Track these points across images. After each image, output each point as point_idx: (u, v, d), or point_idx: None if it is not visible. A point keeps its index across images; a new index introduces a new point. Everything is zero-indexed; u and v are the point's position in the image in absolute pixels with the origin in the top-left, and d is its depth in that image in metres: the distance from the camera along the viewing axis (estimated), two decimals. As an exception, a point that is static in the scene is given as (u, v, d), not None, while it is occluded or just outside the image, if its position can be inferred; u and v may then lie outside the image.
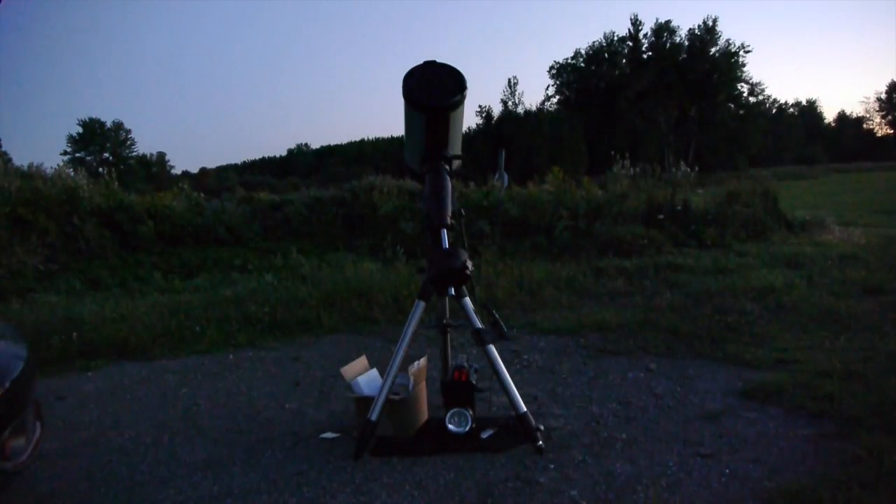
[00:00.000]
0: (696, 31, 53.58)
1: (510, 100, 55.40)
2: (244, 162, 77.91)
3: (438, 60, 2.01)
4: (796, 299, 5.44)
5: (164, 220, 10.61)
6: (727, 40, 53.16)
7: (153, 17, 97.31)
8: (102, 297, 6.69)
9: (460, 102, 2.18)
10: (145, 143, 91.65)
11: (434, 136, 2.20)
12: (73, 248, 9.24)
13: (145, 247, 9.98)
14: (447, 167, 2.18)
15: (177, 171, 60.16)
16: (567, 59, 58.52)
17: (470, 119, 58.03)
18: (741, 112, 54.32)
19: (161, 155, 62.44)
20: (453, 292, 2.24)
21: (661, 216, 9.35)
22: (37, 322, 5.32)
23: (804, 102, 79.02)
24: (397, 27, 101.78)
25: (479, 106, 55.16)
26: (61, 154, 54.74)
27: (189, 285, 7.52)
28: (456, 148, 2.27)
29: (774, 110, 67.31)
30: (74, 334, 5.01)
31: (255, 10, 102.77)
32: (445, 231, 2.13)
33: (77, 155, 55.02)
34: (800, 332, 4.63)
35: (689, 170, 11.26)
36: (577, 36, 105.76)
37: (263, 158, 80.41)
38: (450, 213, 2.13)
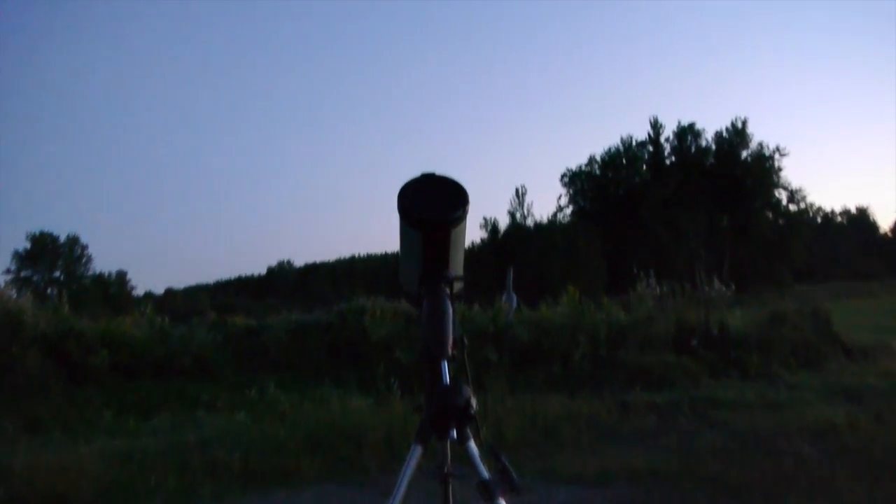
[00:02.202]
0: (724, 133, 56.08)
1: (518, 211, 56.79)
2: (217, 282, 78.59)
3: (437, 172, 2.06)
4: (863, 441, 5.31)
5: (120, 348, 10.53)
6: (759, 143, 55.30)
7: (116, 119, 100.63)
8: (40, 443, 6.53)
9: (462, 218, 2.17)
10: (103, 261, 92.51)
11: (433, 255, 2.20)
12: (9, 382, 9.12)
13: (96, 380, 9.86)
14: (448, 290, 2.18)
15: (139, 291, 60.46)
16: (581, 165, 60.67)
17: (473, 233, 58.93)
18: (781, 221, 55.43)
19: (121, 274, 62.90)
20: (455, 435, 2.18)
21: (695, 342, 9.33)
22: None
23: (853, 210, 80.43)
24: (393, 134, 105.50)
25: (484, 218, 56.57)
26: (3, 273, 55.30)
27: (146, 427, 7.37)
28: (457, 268, 2.25)
29: (820, 219, 68.55)
30: (1, 490, 4.86)
31: (232, 113, 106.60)
32: (446, 363, 2.09)
33: (23, 274, 55.61)
34: (870, 481, 4.48)
35: (724, 287, 11.35)
36: (591, 141, 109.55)
37: (240, 278, 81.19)
38: (451, 342, 2.11)
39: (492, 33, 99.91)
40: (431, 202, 2.11)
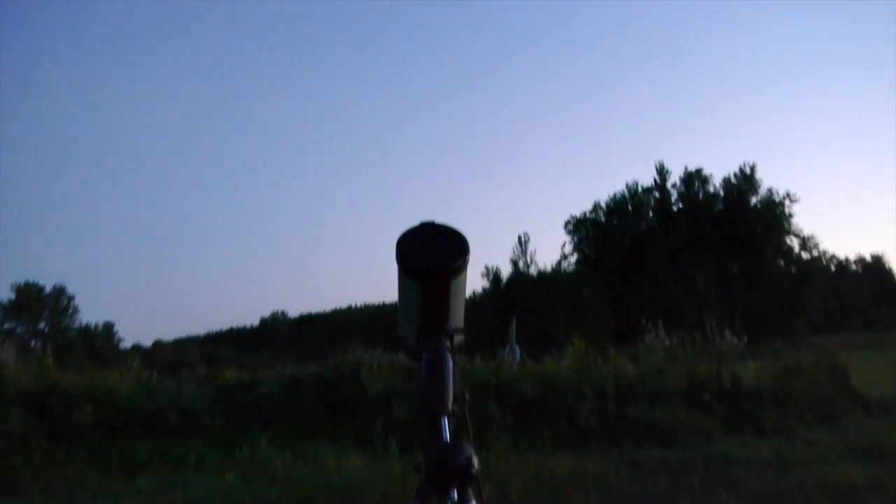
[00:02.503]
0: (733, 179, 56.38)
1: (521, 259, 56.66)
2: (208, 334, 78.37)
3: (437, 221, 2.04)
4: (887, 502, 5.23)
5: (105, 404, 10.42)
6: (769, 189, 55.62)
7: (104, 168, 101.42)
8: (18, 506, 6.45)
9: (462, 268, 2.14)
10: (90, 312, 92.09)
11: (432, 306, 2.19)
12: (-12, 440, 9.02)
13: (80, 439, 9.74)
14: (448, 342, 2.15)
15: (126, 344, 60.27)
16: (585, 212, 61.11)
17: (475, 282, 58.91)
18: (793, 270, 55.42)
19: (108, 325, 62.82)
20: (456, 496, 2.14)
21: (707, 396, 9.25)
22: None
23: (868, 258, 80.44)
24: (392, 182, 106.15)
25: (486, 267, 56.53)
26: (-15, 325, 55.05)
27: (131, 488, 7.27)
28: (458, 320, 2.21)
29: (833, 267, 68.57)
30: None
31: (224, 160, 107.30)
32: (446, 419, 2.06)
33: (6, 326, 55.39)
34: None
35: (735, 338, 11.30)
36: (596, 187, 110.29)
37: (231, 329, 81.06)
38: (451, 398, 2.08)
39: (493, 77, 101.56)
40: (431, 252, 2.09)
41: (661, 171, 58.65)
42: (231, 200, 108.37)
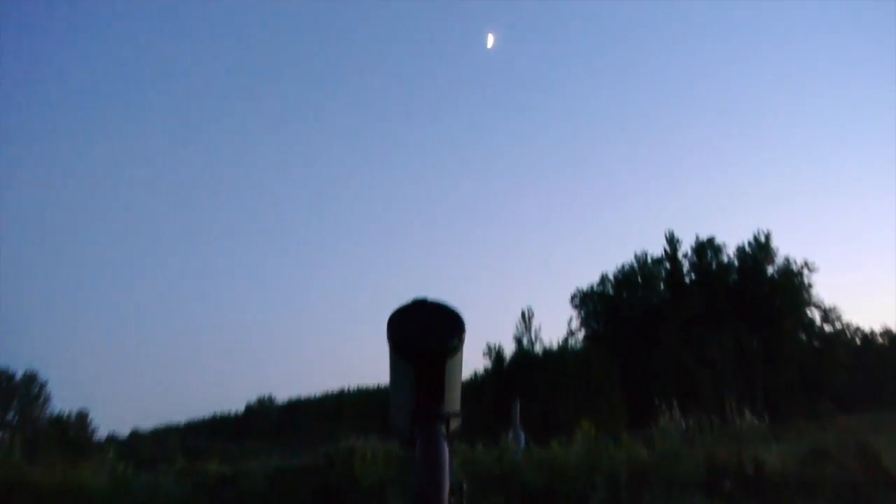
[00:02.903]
0: (747, 247, 56.82)
1: (525, 336, 56.50)
2: (189, 422, 77.17)
3: (430, 297, 2.01)
4: None
5: (77, 501, 10.30)
6: (786, 257, 55.91)
7: (76, 246, 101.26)
8: None
9: (458, 347, 2.11)
10: (63, 399, 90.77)
11: (426, 389, 2.17)
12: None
13: (48, 540, 9.58)
14: (444, 428, 2.10)
15: (101, 434, 59.20)
16: (592, 285, 61.22)
17: (476, 362, 58.46)
18: (816, 344, 55.28)
19: (82, 414, 61.74)
20: None
21: (728, 483, 9.12)
22: None
23: (896, 330, 79.97)
24: (385, 255, 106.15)
25: (487, 345, 56.15)
26: (-52, 417, 54.30)
27: None
28: (454, 403, 2.16)
29: (859, 341, 68.09)
30: None
31: (205, 236, 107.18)
32: (443, 513, 2.01)
33: (-28, 417, 54.60)
34: None
35: (756, 419, 11.21)
36: (603, 258, 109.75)
37: (215, 417, 79.66)
38: (448, 490, 2.04)
39: (492, 145, 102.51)
40: (424, 330, 2.04)
41: (672, 241, 59.22)
42: (213, 278, 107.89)
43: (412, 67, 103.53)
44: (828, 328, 56.80)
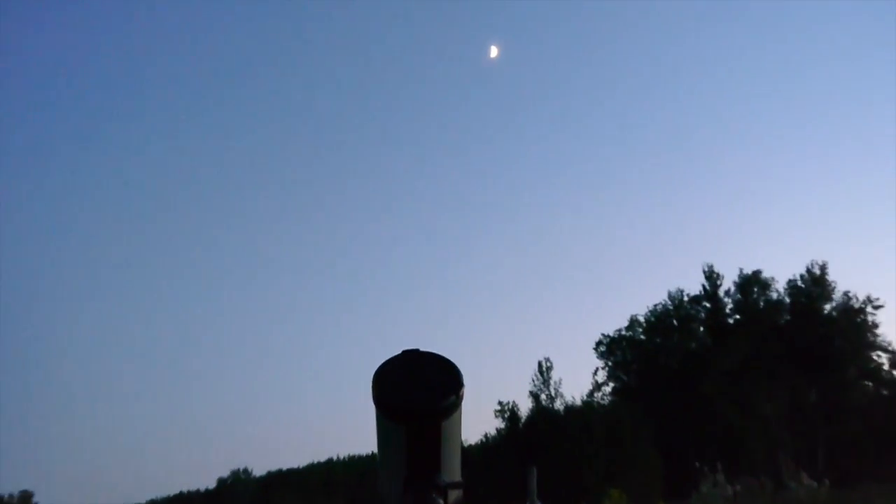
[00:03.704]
0: (799, 282, 56.32)
1: (543, 391, 55.82)
2: (151, 502, 76.77)
3: (422, 349, 2.03)
4: None
5: None
6: (845, 293, 55.24)
7: (22, 319, 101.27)
8: None
9: (456, 405, 2.05)
10: (5, 478, 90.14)
11: (419, 456, 2.13)
12: None
13: None
14: (441, 500, 2.08)
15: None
16: (620, 330, 60.53)
17: (485, 423, 57.83)
18: (885, 392, 54.09)
19: (26, 495, 61.63)
20: None
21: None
22: None
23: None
24: (379, 300, 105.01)
25: (500, 403, 55.78)
26: None
27: None
28: (453, 472, 2.04)
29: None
30: None
31: (172, 283, 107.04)
32: None
33: None
34: None
35: (815, 483, 11.12)
36: (631, 298, 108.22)
37: (181, 494, 79.17)
38: None
39: (494, 169, 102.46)
40: (415, 387, 1.98)
41: (711, 276, 58.55)
42: (180, 334, 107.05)
43: (413, 89, 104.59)
44: (897, 374, 56.09)
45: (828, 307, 55.54)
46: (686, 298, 59.28)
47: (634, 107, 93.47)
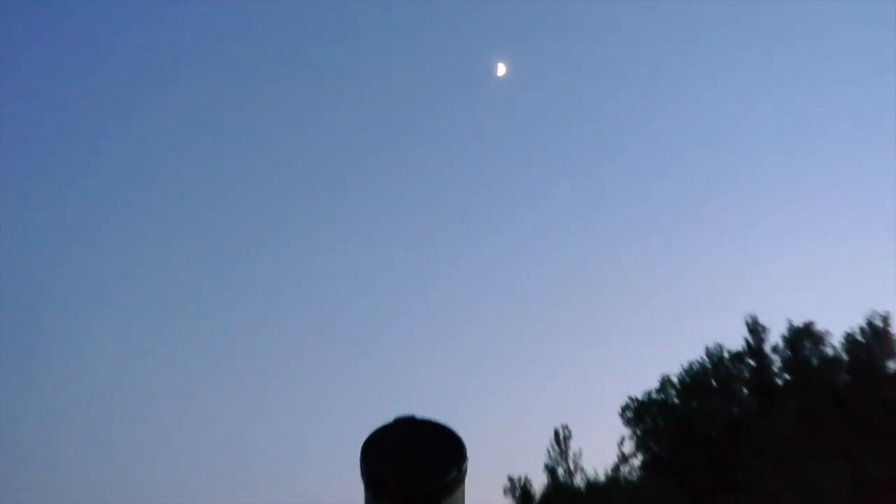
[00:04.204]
0: (859, 335, 56.02)
1: (560, 465, 57.03)
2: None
3: (419, 415, 1.96)
4: None
5: None
6: (912, 347, 54.60)
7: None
8: None
9: (458, 482, 1.90)
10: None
11: None
12: None
13: None
14: None
15: None
16: (650, 392, 60.22)
17: (494, 502, 58.35)
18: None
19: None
20: None
21: None
22: None
23: None
24: (367, 357, 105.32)
25: (510, 479, 56.61)
26: None
27: None
28: None
29: None
30: None
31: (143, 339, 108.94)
32: None
33: None
34: None
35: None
36: (662, 355, 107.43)
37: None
38: None
39: (499, 210, 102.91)
40: (411, 461, 1.90)
41: (755, 330, 58.24)
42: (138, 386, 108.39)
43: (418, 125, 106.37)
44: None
45: (892, 365, 55.24)
46: (726, 355, 58.78)
47: (654, 139, 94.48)
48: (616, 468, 57.83)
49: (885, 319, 55.22)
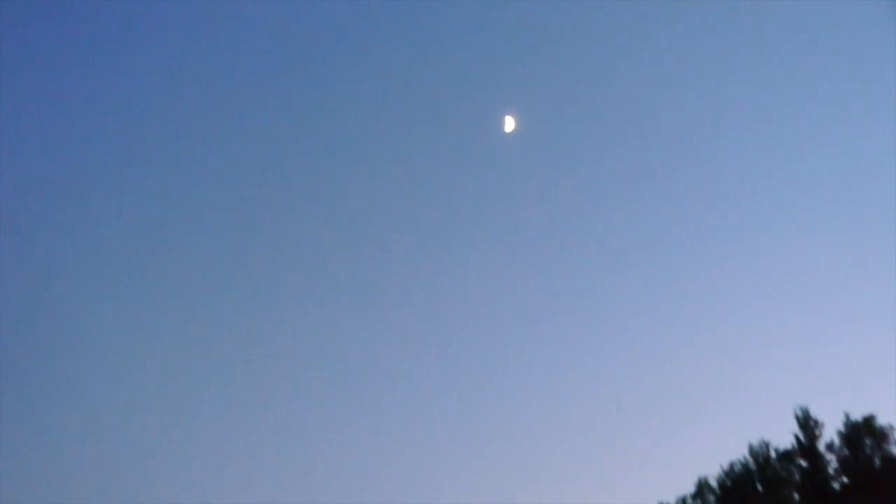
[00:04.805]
0: (929, 431, 52.01)
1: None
2: None
3: None
4: None
5: None
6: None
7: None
8: None
9: None
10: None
11: None
12: None
13: None
14: None
15: None
16: (686, 497, 56.03)
17: None
18: None
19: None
20: None
21: None
22: None
23: None
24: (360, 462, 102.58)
25: None
26: None
27: None
28: None
29: None
30: None
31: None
32: None
33: None
34: None
35: None
36: (700, 454, 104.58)
37: None
38: None
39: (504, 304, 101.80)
40: None
41: (806, 424, 54.78)
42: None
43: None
44: None
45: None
46: (773, 454, 55.16)
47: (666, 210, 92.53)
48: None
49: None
